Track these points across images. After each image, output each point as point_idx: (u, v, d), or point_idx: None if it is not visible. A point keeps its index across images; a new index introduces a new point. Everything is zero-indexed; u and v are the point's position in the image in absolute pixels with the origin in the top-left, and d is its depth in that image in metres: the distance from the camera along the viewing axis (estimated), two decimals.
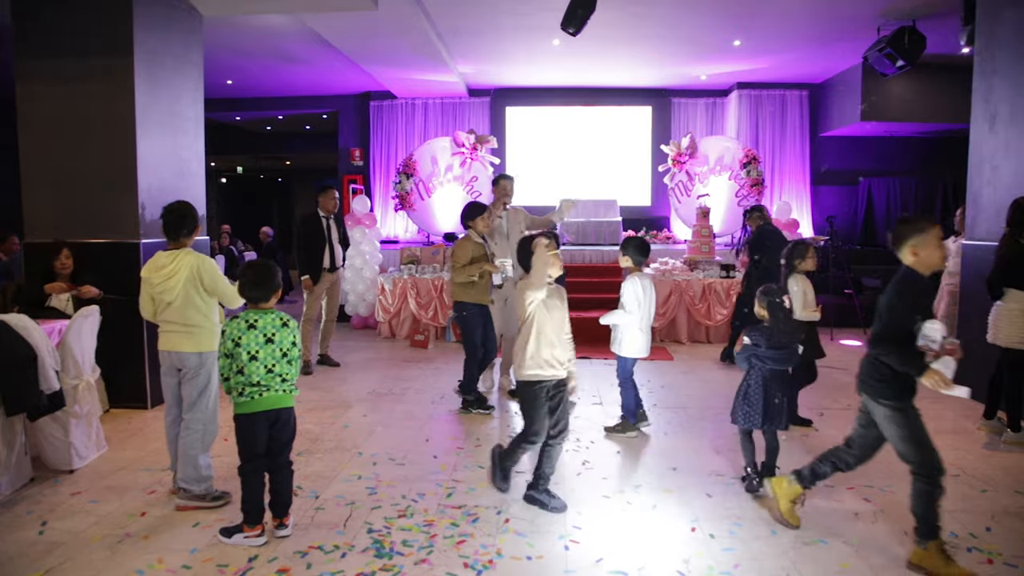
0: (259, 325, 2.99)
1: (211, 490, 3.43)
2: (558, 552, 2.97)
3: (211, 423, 3.48)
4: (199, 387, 3.44)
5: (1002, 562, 2.89)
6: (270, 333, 3.00)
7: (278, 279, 3.11)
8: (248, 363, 2.96)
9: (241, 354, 2.96)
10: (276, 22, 7.36)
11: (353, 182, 11.16)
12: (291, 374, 3.07)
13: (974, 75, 5.46)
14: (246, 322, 2.99)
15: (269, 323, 3.01)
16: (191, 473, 3.38)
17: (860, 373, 2.95)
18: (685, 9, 7.06)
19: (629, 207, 10.77)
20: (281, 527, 3.10)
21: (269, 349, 2.99)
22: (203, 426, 3.43)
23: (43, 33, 4.97)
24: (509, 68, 9.71)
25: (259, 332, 2.99)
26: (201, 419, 3.43)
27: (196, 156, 5.76)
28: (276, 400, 3.03)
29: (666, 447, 4.32)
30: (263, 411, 3.01)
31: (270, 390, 3.00)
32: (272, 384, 3.00)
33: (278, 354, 3.01)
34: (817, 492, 3.59)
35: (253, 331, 2.98)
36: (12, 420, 3.51)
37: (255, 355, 2.97)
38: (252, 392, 2.98)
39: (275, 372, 3.01)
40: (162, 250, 3.51)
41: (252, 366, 2.97)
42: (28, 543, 3.04)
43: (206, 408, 3.45)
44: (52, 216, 5.06)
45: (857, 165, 10.79)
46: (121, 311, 5.03)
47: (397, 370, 6.40)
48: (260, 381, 2.98)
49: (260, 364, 2.97)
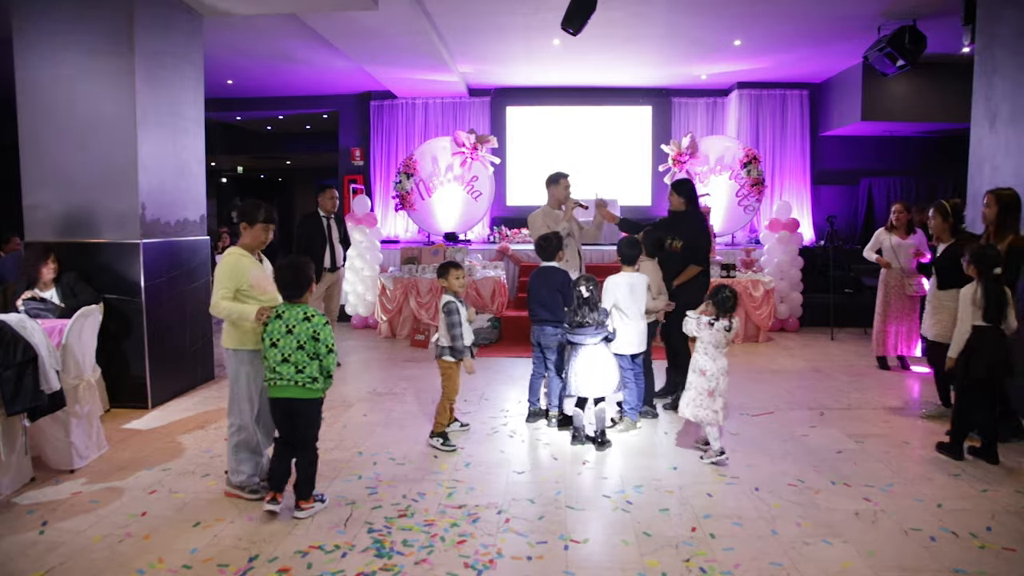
0: (284, 316, 3.26)
1: (248, 483, 3.52)
2: (558, 552, 2.97)
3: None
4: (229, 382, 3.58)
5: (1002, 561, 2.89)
6: (291, 324, 3.24)
7: (310, 276, 3.36)
8: (268, 349, 3.26)
9: (266, 341, 3.26)
10: (276, 22, 7.35)
11: (353, 182, 11.16)
12: (310, 368, 3.23)
13: (974, 74, 5.46)
14: (276, 313, 3.28)
15: (293, 316, 3.26)
16: (229, 463, 3.56)
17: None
18: (685, 9, 7.05)
19: (629, 207, 10.74)
20: (298, 509, 3.29)
21: (288, 339, 3.23)
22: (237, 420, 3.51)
23: (44, 32, 4.98)
24: (509, 68, 9.71)
25: (283, 323, 3.26)
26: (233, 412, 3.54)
27: (196, 156, 5.77)
28: (289, 391, 3.25)
29: (666, 447, 4.32)
30: (277, 399, 3.28)
31: (283, 379, 3.23)
32: (285, 373, 3.22)
33: (294, 345, 3.22)
34: (817, 492, 3.59)
35: (279, 321, 3.26)
36: (12, 420, 3.51)
37: (275, 343, 3.25)
38: (271, 379, 3.27)
39: (290, 361, 3.22)
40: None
41: (271, 352, 3.25)
42: (29, 543, 3.04)
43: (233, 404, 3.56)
44: (52, 216, 5.06)
45: (857, 165, 10.78)
46: (122, 311, 5.05)
47: (397, 370, 6.40)
48: (276, 368, 3.23)
49: (279, 352, 3.24)
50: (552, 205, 5.30)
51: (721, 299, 4.00)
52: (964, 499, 3.50)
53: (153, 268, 5.13)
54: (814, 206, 10.72)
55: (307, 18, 6.85)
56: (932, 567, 2.84)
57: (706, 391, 4.03)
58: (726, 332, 4.02)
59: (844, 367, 6.48)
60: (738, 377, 6.05)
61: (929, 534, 3.11)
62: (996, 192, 4.33)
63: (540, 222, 5.16)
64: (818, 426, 4.71)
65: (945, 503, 3.45)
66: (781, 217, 8.50)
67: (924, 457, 4.11)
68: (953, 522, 3.23)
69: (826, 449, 4.24)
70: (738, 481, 3.75)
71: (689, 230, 4.99)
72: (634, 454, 4.20)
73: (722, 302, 4.00)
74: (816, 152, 10.79)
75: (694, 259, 4.95)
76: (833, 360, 6.79)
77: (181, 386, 5.52)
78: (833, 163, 10.82)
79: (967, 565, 2.84)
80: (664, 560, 2.90)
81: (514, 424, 4.77)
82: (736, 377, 6.04)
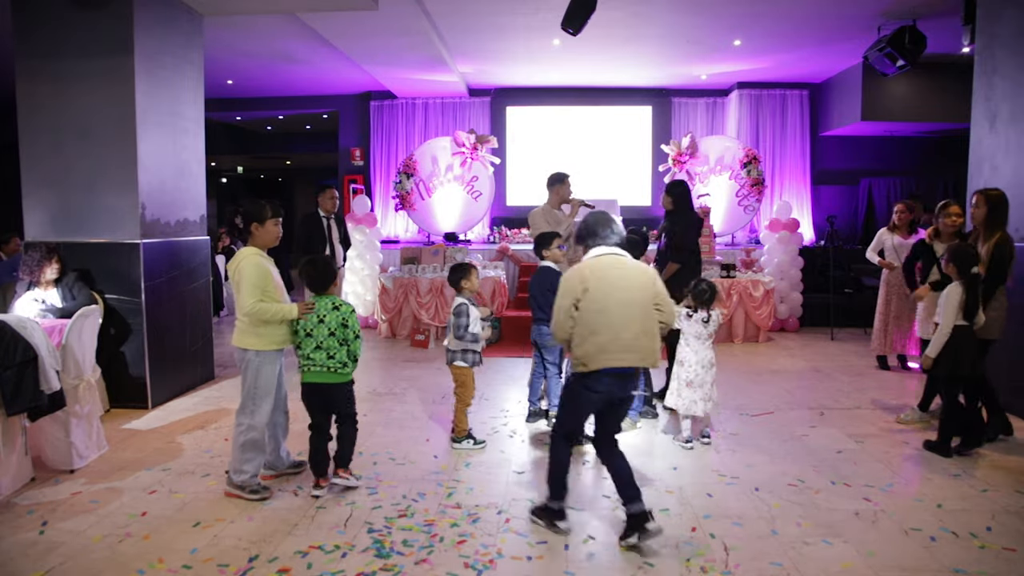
0: (315, 307, 3.53)
1: (249, 483, 3.52)
2: (558, 552, 2.97)
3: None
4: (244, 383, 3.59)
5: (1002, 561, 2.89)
6: (322, 315, 3.52)
7: (334, 270, 3.73)
8: (304, 339, 3.52)
9: (300, 331, 3.52)
10: (276, 22, 7.35)
11: (353, 182, 11.17)
12: (340, 353, 3.51)
13: (974, 75, 5.46)
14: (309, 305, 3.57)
15: (323, 306, 3.53)
16: (233, 463, 3.55)
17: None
18: (685, 9, 7.06)
19: (629, 207, 10.76)
20: (336, 476, 3.58)
21: (320, 328, 3.50)
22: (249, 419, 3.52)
23: (44, 33, 4.97)
24: (509, 68, 9.71)
25: (315, 313, 3.51)
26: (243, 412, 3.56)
27: (196, 156, 5.76)
28: (321, 376, 3.53)
29: (666, 447, 4.32)
30: (310, 383, 3.55)
31: (316, 365, 3.51)
32: (318, 359, 3.50)
33: (326, 332, 3.50)
34: (817, 492, 3.59)
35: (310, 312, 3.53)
36: (12, 420, 3.51)
37: (309, 332, 3.51)
38: (305, 365, 3.55)
39: (323, 348, 3.51)
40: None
41: (306, 341, 3.52)
42: (29, 543, 3.04)
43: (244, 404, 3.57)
44: (52, 216, 5.06)
45: (857, 165, 10.79)
46: (122, 311, 5.05)
47: (397, 370, 6.40)
48: (309, 355, 3.51)
49: (312, 340, 3.51)
50: (553, 204, 5.28)
51: (698, 291, 4.26)
52: (964, 499, 3.50)
53: (153, 268, 5.13)
54: (814, 206, 10.72)
55: (307, 18, 6.85)
56: (932, 567, 2.84)
57: (684, 381, 4.24)
58: (703, 323, 4.22)
59: (844, 367, 6.48)
60: (738, 377, 6.05)
61: (929, 534, 3.11)
62: (984, 192, 4.33)
63: (541, 221, 5.15)
64: (818, 426, 4.71)
65: (945, 503, 3.45)
66: (781, 217, 8.50)
67: (924, 457, 4.11)
68: (953, 522, 3.23)
69: (826, 449, 4.24)
70: (738, 481, 3.75)
71: (669, 229, 5.18)
72: (634, 454, 4.20)
73: (698, 294, 4.26)
74: (816, 152, 10.80)
75: (674, 257, 5.09)
76: (833, 360, 6.79)
77: (181, 386, 5.52)
78: (833, 163, 10.82)
79: (967, 565, 2.84)
80: (664, 560, 2.90)
81: (514, 424, 4.78)
82: (736, 377, 6.05)
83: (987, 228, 4.29)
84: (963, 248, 4.10)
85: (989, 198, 4.29)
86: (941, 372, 4.09)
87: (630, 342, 2.95)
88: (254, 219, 3.54)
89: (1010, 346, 4.87)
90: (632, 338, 2.95)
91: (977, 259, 4.04)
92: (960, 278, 4.02)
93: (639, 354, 2.98)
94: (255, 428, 3.51)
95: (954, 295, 4.02)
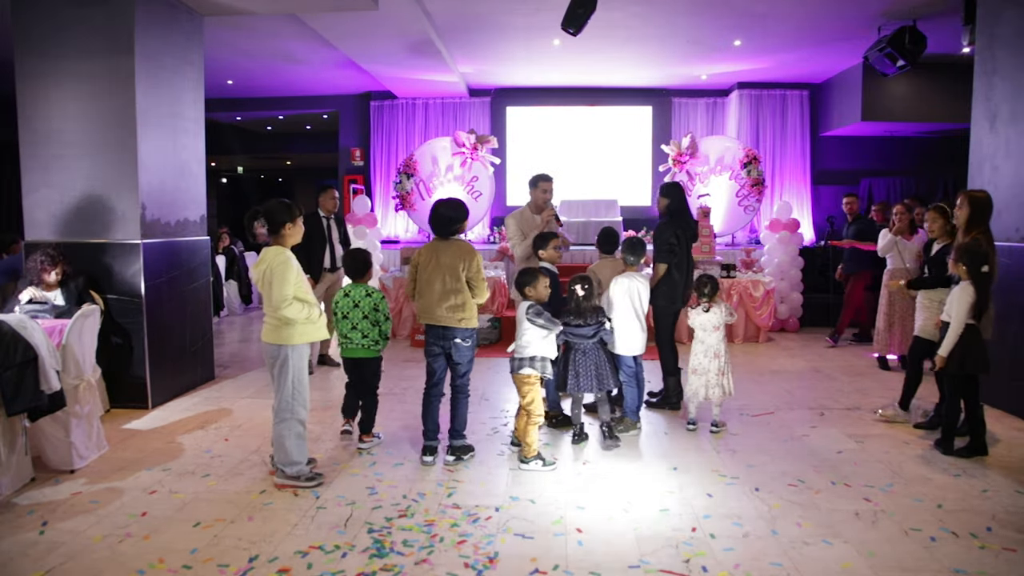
0: (351, 294, 4.23)
1: (304, 471, 3.65)
2: (558, 552, 2.97)
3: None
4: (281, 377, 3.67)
5: (1002, 561, 2.89)
6: (357, 300, 4.21)
7: (370, 261, 4.41)
8: (340, 321, 4.21)
9: (338, 314, 4.20)
10: (276, 22, 7.36)
11: (354, 182, 11.17)
12: (372, 333, 4.20)
13: (974, 75, 5.46)
14: (344, 292, 4.27)
15: (357, 293, 4.23)
16: (286, 457, 3.63)
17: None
18: (685, 9, 7.06)
19: (629, 207, 10.76)
20: (361, 442, 4.24)
21: (355, 312, 4.20)
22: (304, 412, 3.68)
23: (44, 33, 4.97)
24: (509, 68, 9.71)
25: (350, 299, 4.22)
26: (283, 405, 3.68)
27: (196, 156, 5.77)
28: (356, 352, 4.25)
29: (666, 447, 4.32)
30: (348, 358, 4.29)
31: (352, 343, 4.22)
32: (354, 338, 4.21)
33: (359, 315, 4.20)
34: (817, 492, 3.59)
35: (347, 298, 4.23)
36: (12, 420, 3.51)
37: (346, 315, 4.21)
38: (343, 343, 4.26)
39: (358, 328, 4.20)
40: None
41: (343, 323, 4.21)
42: (29, 543, 3.04)
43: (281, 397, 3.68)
44: (52, 216, 5.06)
45: (857, 165, 10.78)
46: (122, 311, 5.05)
47: (397, 370, 6.40)
48: (347, 334, 4.22)
49: (348, 322, 4.21)
50: (531, 208, 5.10)
51: (698, 284, 4.62)
52: (964, 499, 3.50)
53: (153, 268, 5.13)
54: (814, 206, 10.72)
55: (307, 18, 6.86)
56: (932, 567, 2.84)
57: (691, 369, 4.62)
58: (705, 313, 4.57)
59: (844, 367, 6.48)
60: (738, 377, 6.03)
61: (929, 534, 3.11)
62: (969, 193, 4.25)
63: (513, 227, 4.96)
64: (818, 426, 4.71)
65: (945, 503, 3.45)
66: (781, 217, 8.50)
67: (924, 457, 4.11)
68: (953, 522, 3.23)
69: (826, 449, 4.25)
70: (738, 481, 3.75)
71: (657, 229, 5.11)
72: (634, 454, 4.20)
73: (699, 287, 4.61)
74: (816, 152, 10.79)
75: (656, 259, 5.03)
76: (833, 360, 6.79)
77: (181, 386, 5.52)
78: (833, 163, 10.82)
79: (967, 565, 2.84)
80: (664, 560, 2.90)
81: (514, 424, 4.77)
82: (736, 377, 6.03)
83: (967, 230, 4.21)
84: (972, 247, 4.01)
85: (973, 200, 4.21)
86: (951, 371, 4.06)
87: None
88: (287, 220, 3.58)
89: (1009, 346, 4.87)
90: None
91: (986, 257, 3.96)
92: (969, 277, 3.97)
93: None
94: (303, 422, 3.65)
95: (966, 294, 3.96)
